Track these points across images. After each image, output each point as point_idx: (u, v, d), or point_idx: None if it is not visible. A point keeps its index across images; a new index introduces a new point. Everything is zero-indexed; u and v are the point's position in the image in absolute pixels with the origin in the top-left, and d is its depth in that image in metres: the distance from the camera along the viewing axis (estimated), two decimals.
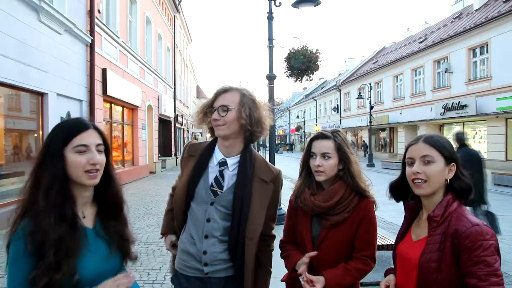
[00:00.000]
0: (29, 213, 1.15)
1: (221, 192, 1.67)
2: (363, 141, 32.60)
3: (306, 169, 1.78)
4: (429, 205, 1.41)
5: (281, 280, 1.88)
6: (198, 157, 1.74)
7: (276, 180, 1.76)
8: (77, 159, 1.19)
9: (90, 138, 1.22)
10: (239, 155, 1.72)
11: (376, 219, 1.81)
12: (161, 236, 1.96)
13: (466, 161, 4.67)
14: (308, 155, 1.74)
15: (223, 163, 1.70)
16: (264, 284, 1.81)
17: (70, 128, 1.22)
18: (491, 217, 5.66)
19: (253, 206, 1.66)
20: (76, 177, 1.20)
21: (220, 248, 1.66)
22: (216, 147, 1.75)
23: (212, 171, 1.71)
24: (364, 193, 1.71)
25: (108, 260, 1.27)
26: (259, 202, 1.69)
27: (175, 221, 1.80)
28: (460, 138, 5.65)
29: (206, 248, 1.66)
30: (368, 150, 29.99)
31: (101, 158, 1.25)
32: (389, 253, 4.03)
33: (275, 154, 7.34)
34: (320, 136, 1.73)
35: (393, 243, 4.38)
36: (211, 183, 1.69)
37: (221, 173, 1.69)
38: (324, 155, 1.68)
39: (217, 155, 1.73)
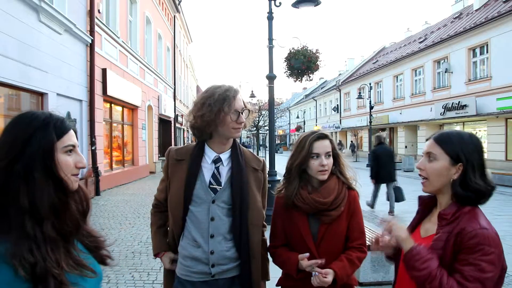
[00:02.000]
0: (1, 229, 0.90)
1: (220, 188, 1.70)
2: (351, 141, 32.67)
3: (298, 171, 1.79)
4: (442, 202, 1.37)
5: (276, 285, 1.88)
6: (191, 160, 1.74)
7: (263, 168, 1.88)
8: (67, 159, 1.02)
9: (74, 137, 1.07)
10: (230, 150, 1.79)
11: (376, 219, 1.84)
12: (154, 257, 1.87)
13: (383, 155, 7.08)
14: (307, 156, 1.75)
15: (217, 160, 1.74)
16: (266, 271, 1.86)
17: (60, 124, 1.03)
18: (398, 190, 8.28)
19: (251, 193, 1.73)
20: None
21: (226, 246, 1.68)
22: (207, 147, 1.76)
23: (207, 170, 1.73)
24: (350, 185, 1.83)
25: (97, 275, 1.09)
26: (255, 189, 1.77)
27: (174, 229, 1.76)
28: (379, 138, 8.42)
29: (213, 248, 1.66)
30: (356, 150, 30.17)
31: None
32: None
33: (275, 154, 7.34)
34: (321, 136, 1.78)
35: None
36: (209, 181, 1.71)
37: (217, 169, 1.74)
38: (327, 154, 1.76)
39: (210, 154, 1.75)
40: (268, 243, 1.91)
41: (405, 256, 1.30)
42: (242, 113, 1.70)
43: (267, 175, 1.96)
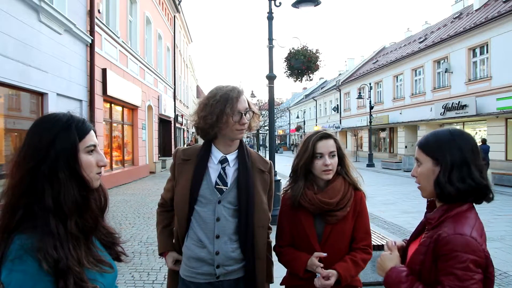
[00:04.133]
0: (27, 226, 0.95)
1: (226, 189, 1.70)
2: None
3: (304, 171, 1.79)
4: (438, 205, 1.35)
5: (281, 284, 1.88)
6: (197, 160, 1.74)
7: (270, 169, 1.85)
8: (89, 159, 1.08)
9: (94, 137, 1.12)
10: (237, 150, 1.78)
11: (377, 219, 1.83)
12: (160, 256, 1.87)
13: None
14: (311, 156, 1.75)
15: (224, 161, 1.74)
16: (270, 274, 1.86)
17: (81, 125, 1.08)
18: None
19: (257, 194, 1.72)
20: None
21: (231, 247, 1.68)
22: (214, 147, 1.76)
23: (213, 170, 1.73)
24: (356, 186, 1.82)
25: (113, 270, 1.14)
26: (261, 190, 1.76)
27: (178, 229, 1.76)
28: None
29: (218, 248, 1.66)
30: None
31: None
32: None
33: (275, 154, 7.34)
34: (325, 136, 1.78)
35: None
36: (216, 181, 1.71)
37: (223, 170, 1.73)
38: (331, 154, 1.76)
39: (216, 154, 1.75)
40: (273, 245, 1.90)
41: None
42: (245, 115, 1.69)
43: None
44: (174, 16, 22.83)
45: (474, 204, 1.27)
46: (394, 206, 9.29)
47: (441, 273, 1.16)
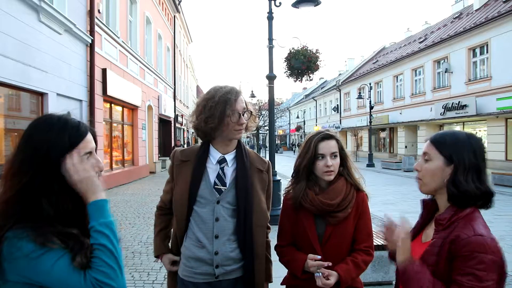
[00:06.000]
0: (20, 226, 0.98)
1: (224, 189, 1.70)
2: None
3: (306, 172, 1.78)
4: (441, 205, 1.34)
5: (281, 284, 1.88)
6: (196, 161, 1.74)
7: (268, 169, 1.85)
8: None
9: (91, 142, 1.12)
10: (235, 150, 1.78)
11: (376, 219, 1.83)
12: (155, 259, 1.85)
13: None
14: (313, 157, 1.74)
15: (222, 161, 1.74)
16: (269, 273, 1.86)
17: (75, 132, 1.08)
18: None
19: (255, 194, 1.72)
20: None
21: (230, 247, 1.68)
22: (212, 147, 1.76)
23: (212, 170, 1.73)
24: (359, 187, 1.80)
25: None
26: (260, 190, 1.76)
27: (177, 230, 1.76)
28: None
29: (218, 248, 1.66)
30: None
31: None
32: None
33: (275, 154, 7.34)
34: (326, 137, 1.76)
35: None
36: (214, 181, 1.71)
37: (222, 170, 1.73)
38: (332, 155, 1.74)
39: (214, 155, 1.75)
40: (271, 245, 1.90)
41: (397, 269, 1.28)
42: (243, 115, 1.69)
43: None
44: (174, 16, 22.84)
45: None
46: (394, 206, 9.29)
47: (458, 272, 1.15)
